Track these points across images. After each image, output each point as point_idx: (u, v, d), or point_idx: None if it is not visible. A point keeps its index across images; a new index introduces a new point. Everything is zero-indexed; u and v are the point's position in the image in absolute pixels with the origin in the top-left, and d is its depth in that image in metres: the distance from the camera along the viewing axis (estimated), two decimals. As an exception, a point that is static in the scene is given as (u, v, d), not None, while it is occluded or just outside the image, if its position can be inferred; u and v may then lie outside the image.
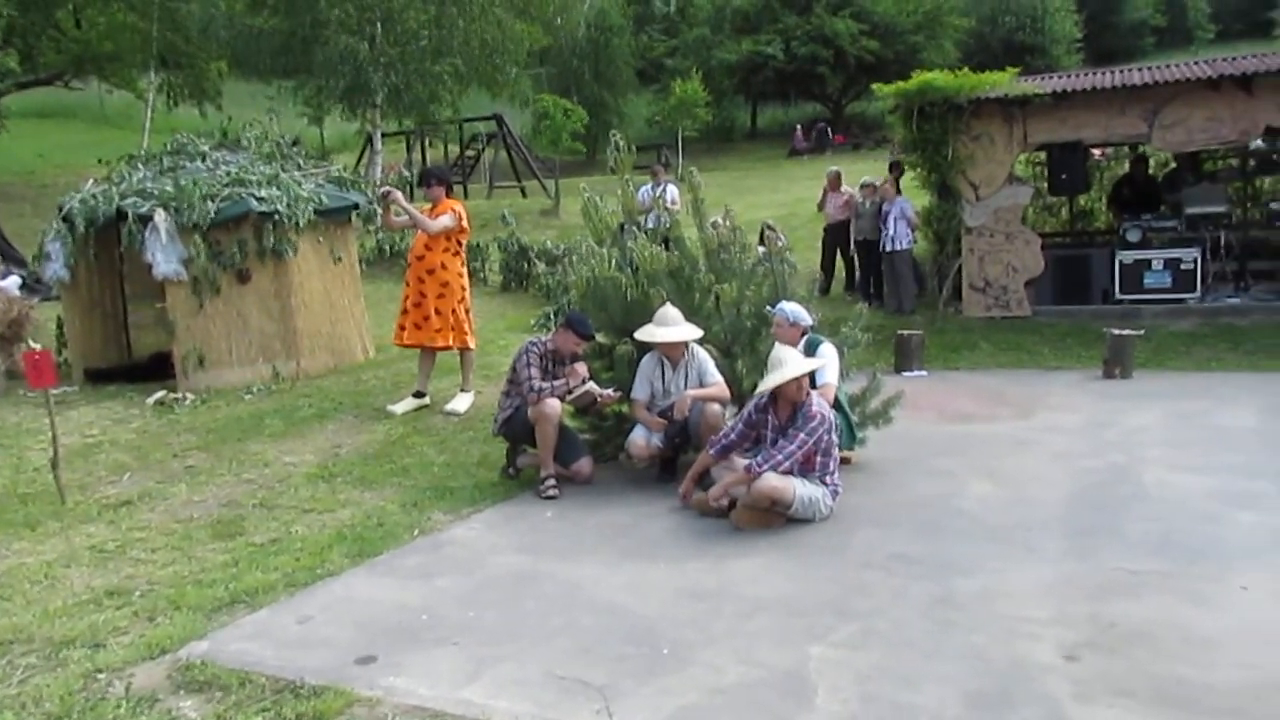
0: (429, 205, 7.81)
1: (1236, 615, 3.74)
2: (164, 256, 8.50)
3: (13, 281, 9.27)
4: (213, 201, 8.72)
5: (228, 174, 9.14)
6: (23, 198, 20.28)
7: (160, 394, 8.48)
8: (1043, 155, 12.57)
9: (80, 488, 6.12)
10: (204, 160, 9.54)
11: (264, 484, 6.18)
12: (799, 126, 35.97)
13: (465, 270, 7.95)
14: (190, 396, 8.45)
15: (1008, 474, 5.85)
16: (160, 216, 8.50)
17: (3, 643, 3.96)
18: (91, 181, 9.48)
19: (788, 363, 5.12)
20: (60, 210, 9.20)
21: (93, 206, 8.84)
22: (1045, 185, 12.80)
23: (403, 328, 7.81)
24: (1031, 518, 5.02)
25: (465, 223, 7.77)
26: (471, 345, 7.99)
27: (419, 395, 7.94)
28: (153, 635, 3.95)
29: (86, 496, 5.98)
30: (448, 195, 7.85)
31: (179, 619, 4.11)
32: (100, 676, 3.63)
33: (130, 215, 8.61)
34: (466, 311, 7.89)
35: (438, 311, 7.66)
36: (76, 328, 9.51)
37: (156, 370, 9.21)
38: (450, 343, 7.80)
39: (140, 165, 9.63)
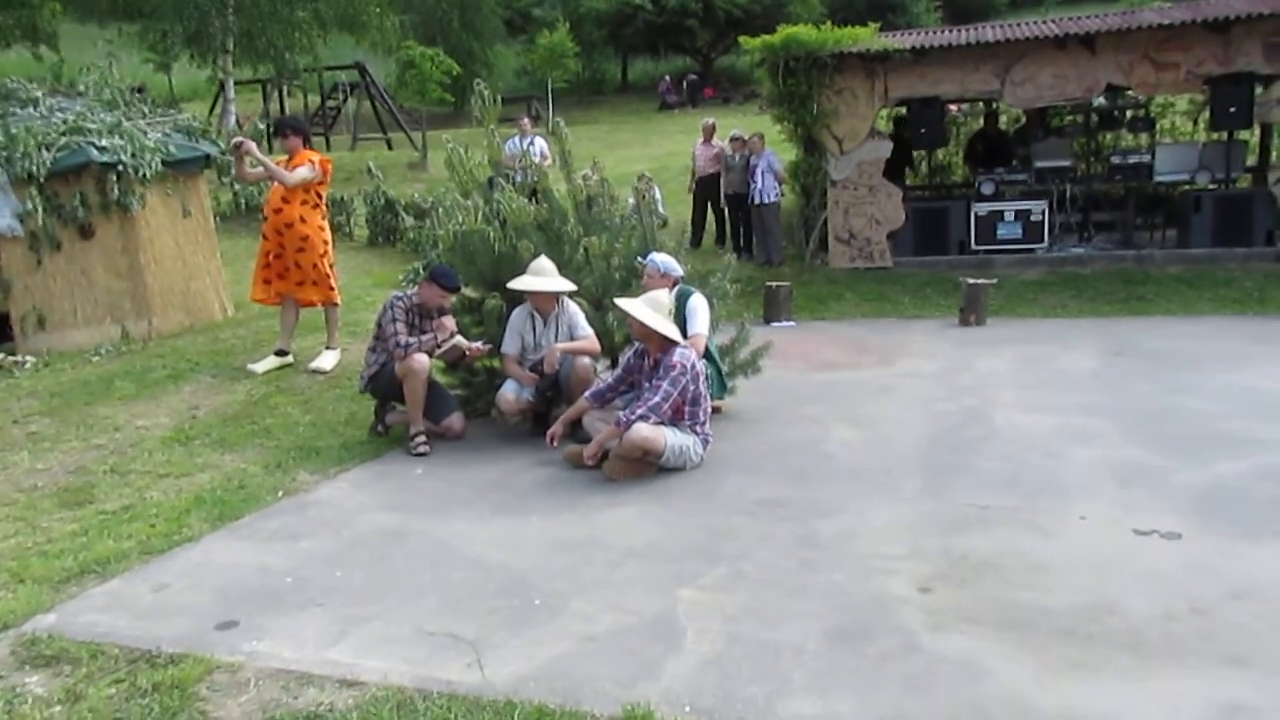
0: (285, 157, 7.49)
1: (1074, 544, 4.00)
2: (-6, 210, 7.90)
3: None
4: (48, 151, 8.15)
5: (64, 121, 8.54)
6: None
7: (-4, 357, 7.94)
8: (903, 110, 12.94)
9: (-94, 459, 5.70)
10: (36, 107, 8.87)
11: (115, 449, 5.88)
12: (666, 78, 35.92)
13: (326, 223, 7.69)
14: (30, 359, 7.93)
15: (870, 419, 6.07)
16: (-12, 167, 7.89)
17: None
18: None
19: (654, 304, 5.20)
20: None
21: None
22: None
23: (266, 281, 7.53)
24: (891, 460, 5.23)
25: (325, 174, 7.49)
26: (336, 300, 7.75)
27: (281, 353, 7.67)
28: (-8, 611, 3.73)
29: (-86, 468, 5.57)
30: (305, 146, 7.55)
31: (22, 592, 3.89)
32: (-66, 657, 3.41)
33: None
34: (330, 266, 7.64)
35: (298, 265, 7.43)
36: (-103, 288, 8.78)
37: (-9, 333, 8.61)
38: (314, 299, 7.56)
39: (-36, 111, 8.88)
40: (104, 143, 8.39)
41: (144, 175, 8.49)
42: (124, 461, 5.65)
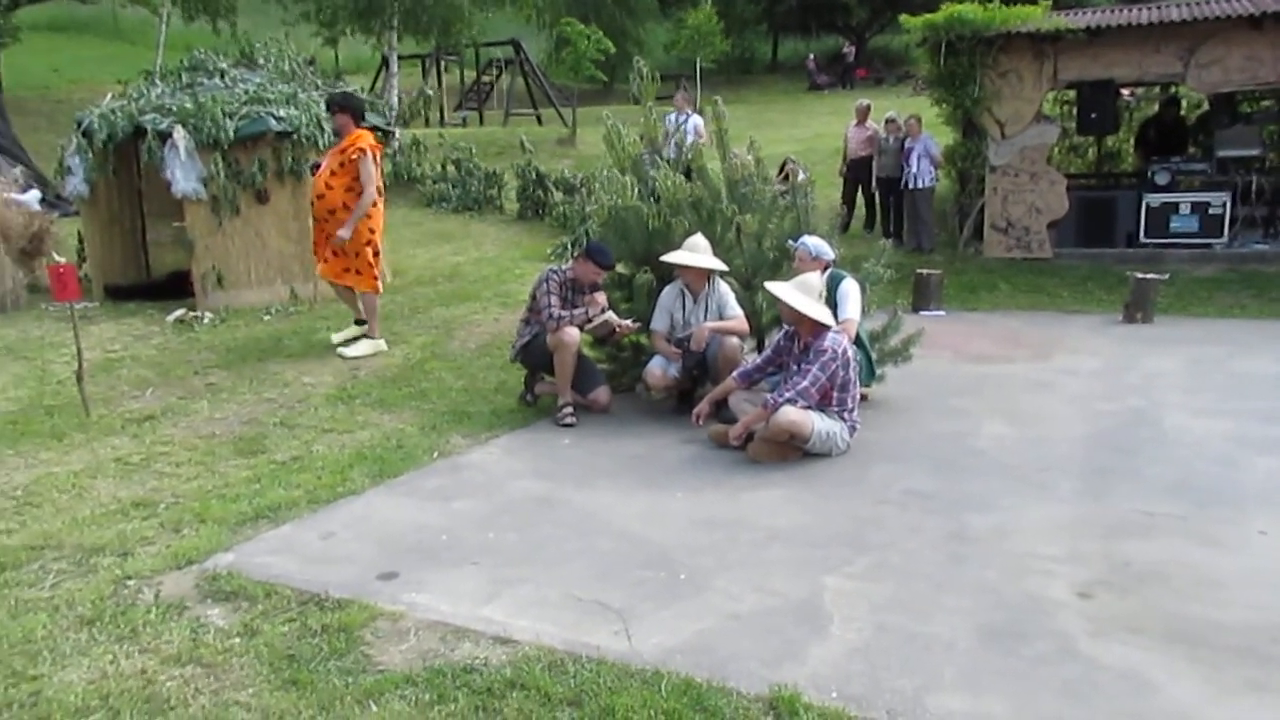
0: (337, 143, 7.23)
1: (1252, 558, 3.76)
2: (183, 174, 8.47)
3: (33, 195, 9.24)
4: (232, 119, 8.65)
5: (246, 92, 9.06)
6: (38, 112, 20.16)
7: (180, 312, 8.52)
8: (1071, 94, 12.34)
9: (104, 401, 6.19)
10: (222, 77, 9.44)
11: (284, 403, 6.24)
12: (812, 56, 35.26)
13: (378, 209, 7.25)
14: (209, 315, 8.49)
15: (1024, 414, 5.86)
16: (179, 133, 8.45)
17: (35, 548, 4.05)
18: (110, 96, 9.40)
19: (805, 288, 5.14)
20: (79, 125, 9.14)
21: (112, 122, 8.79)
22: (1073, 124, 12.58)
23: (324, 260, 7.29)
24: (1046, 458, 5.03)
25: (376, 157, 7.10)
26: (377, 289, 7.40)
27: (360, 322, 7.52)
28: (179, 546, 4.03)
29: (110, 410, 6.04)
30: (356, 124, 7.13)
31: (204, 531, 4.19)
32: (130, 583, 3.71)
33: (149, 131, 8.55)
34: (375, 254, 7.26)
35: (343, 252, 7.14)
36: (96, 244, 9.52)
37: (175, 289, 9.24)
38: (357, 285, 7.28)
39: (158, 81, 9.54)
40: (281, 113, 8.86)
41: (317, 144, 8.92)
42: (292, 415, 5.99)
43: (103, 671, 3.09)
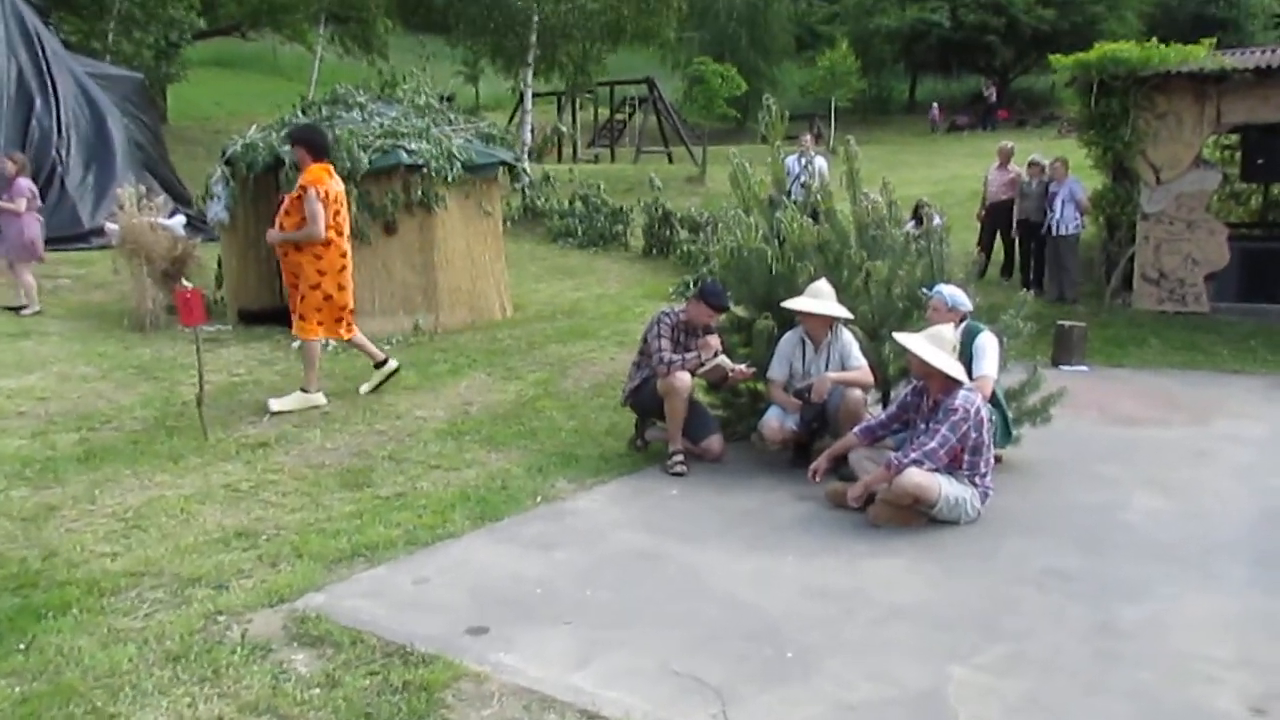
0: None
1: None
2: (316, 204, 8.63)
3: (178, 221, 9.61)
4: (365, 152, 8.81)
5: (381, 125, 9.22)
6: (198, 141, 21.33)
7: (304, 339, 8.66)
8: (1233, 137, 11.50)
9: (222, 425, 6.27)
10: (360, 111, 9.65)
11: (394, 436, 6.20)
12: (936, 105, 34.39)
13: (330, 251, 6.60)
14: (332, 343, 8.59)
15: (1181, 487, 5.31)
16: (314, 164, 8.63)
17: (135, 574, 4.03)
18: (254, 127, 9.73)
19: (937, 340, 4.79)
20: (223, 154, 9.49)
21: (253, 151, 9.07)
22: (1235, 170, 11.72)
23: (301, 317, 6.74)
24: (1210, 539, 4.51)
25: (326, 198, 6.47)
26: (309, 337, 6.71)
27: (381, 364, 7.14)
28: (274, 582, 3.95)
29: (227, 434, 6.11)
30: (314, 159, 6.58)
31: (300, 567, 4.10)
32: (220, 619, 3.64)
33: (288, 161, 8.77)
34: (325, 298, 6.64)
35: (301, 295, 6.68)
36: (233, 268, 9.82)
37: (304, 315, 9.42)
38: (295, 329, 6.79)
39: (301, 113, 9.83)
40: (413, 146, 8.98)
41: (446, 178, 9.00)
42: (401, 449, 5.93)
43: (179, 715, 2.99)
